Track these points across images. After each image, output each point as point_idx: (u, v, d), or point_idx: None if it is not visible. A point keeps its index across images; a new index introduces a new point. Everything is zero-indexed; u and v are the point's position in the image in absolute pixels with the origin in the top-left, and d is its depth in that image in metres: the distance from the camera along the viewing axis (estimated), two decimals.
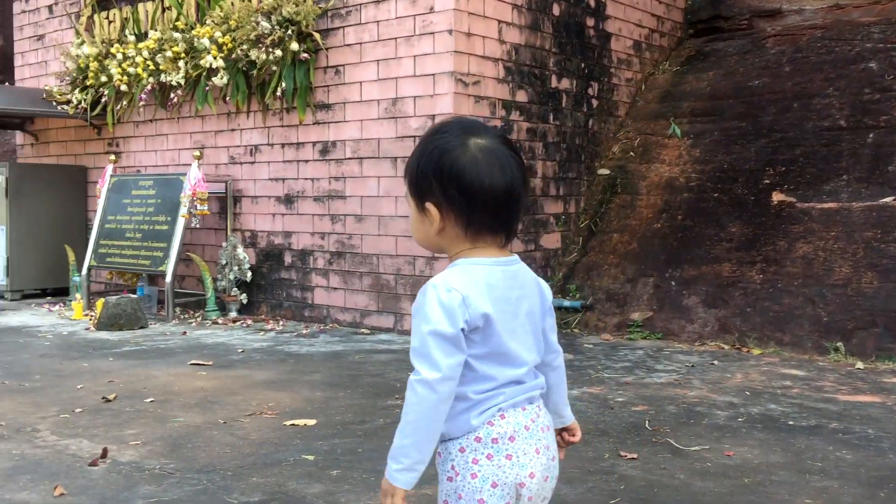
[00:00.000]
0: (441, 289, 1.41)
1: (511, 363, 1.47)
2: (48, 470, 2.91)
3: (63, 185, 8.28)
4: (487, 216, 1.47)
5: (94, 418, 3.63)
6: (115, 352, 5.28)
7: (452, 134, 1.49)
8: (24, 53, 9.03)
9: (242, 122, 6.94)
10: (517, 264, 1.52)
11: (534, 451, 1.46)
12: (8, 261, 7.85)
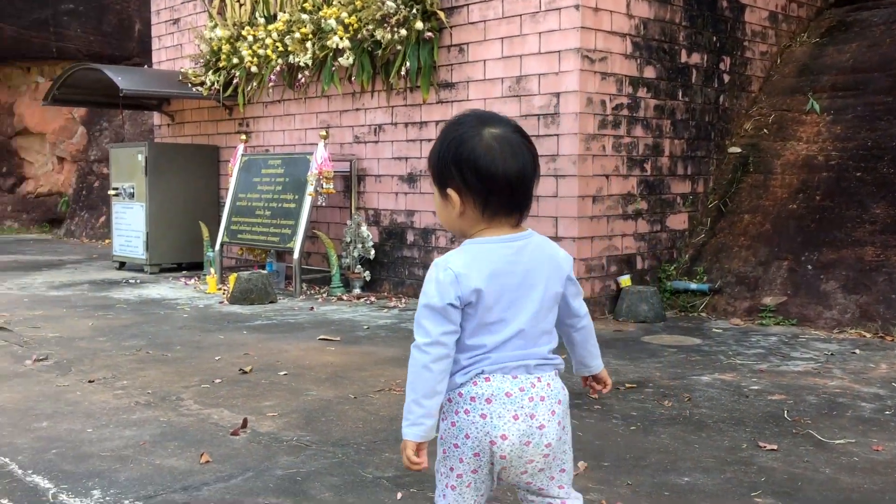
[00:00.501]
0: (439, 268, 1.61)
1: (499, 330, 1.63)
2: (193, 437, 3.06)
3: (197, 164, 8.65)
4: (502, 198, 1.62)
5: (232, 389, 3.79)
6: (248, 325, 5.49)
7: (469, 125, 1.64)
8: (161, 37, 9.45)
9: (367, 101, 7.04)
10: (527, 239, 1.66)
11: (511, 416, 1.61)
12: (147, 236, 8.28)
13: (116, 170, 8.69)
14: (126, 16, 12.98)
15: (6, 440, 3.00)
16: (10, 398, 3.59)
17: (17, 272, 8.34)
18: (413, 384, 1.62)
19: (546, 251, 1.69)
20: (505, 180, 1.61)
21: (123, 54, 13.09)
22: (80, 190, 13.56)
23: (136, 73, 8.75)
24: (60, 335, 5.04)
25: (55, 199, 14.50)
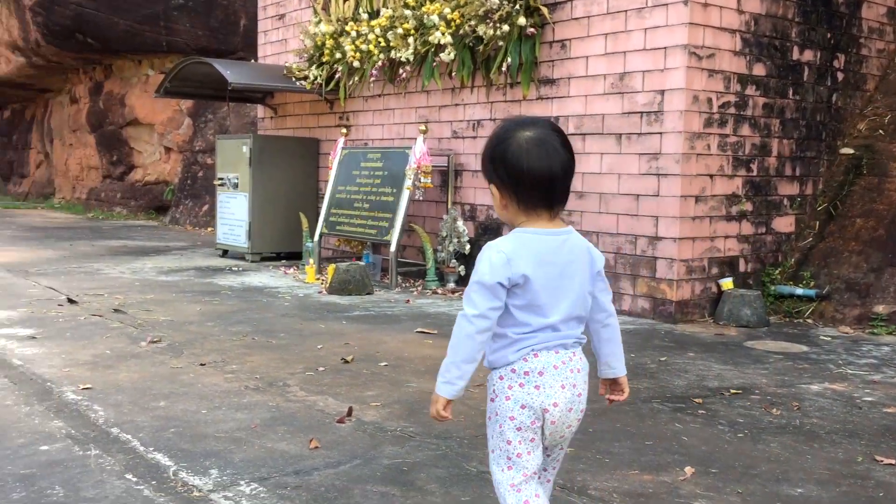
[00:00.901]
0: (493, 250, 1.80)
1: (545, 313, 1.82)
2: (301, 423, 3.15)
3: (298, 156, 8.87)
4: (534, 194, 1.82)
5: (335, 377, 3.88)
6: (347, 315, 5.61)
7: (507, 128, 1.85)
8: (267, 32, 9.72)
9: (466, 97, 7.08)
10: (567, 235, 1.85)
11: (559, 385, 1.81)
12: (250, 225, 8.54)
13: (222, 160, 8.99)
14: (232, 11, 13.39)
15: (127, 418, 3.16)
16: (129, 377, 3.77)
17: (128, 257, 8.73)
18: (455, 348, 1.81)
19: (582, 248, 1.88)
20: (532, 177, 1.80)
21: (229, 48, 13.51)
22: (184, 179, 14.08)
23: (242, 67, 9.02)
24: (171, 319, 5.26)
25: (161, 188, 15.10)
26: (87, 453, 2.75)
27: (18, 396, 3.41)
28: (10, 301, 5.70)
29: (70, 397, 3.41)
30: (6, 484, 2.46)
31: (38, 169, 20.81)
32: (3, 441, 2.85)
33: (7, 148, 22.63)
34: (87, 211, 16.21)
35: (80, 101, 17.40)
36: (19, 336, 4.59)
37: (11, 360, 4.01)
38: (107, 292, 6.22)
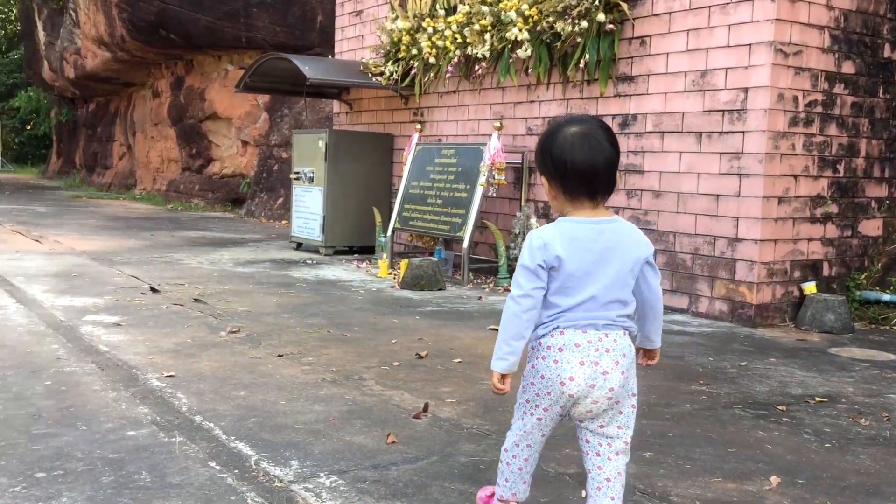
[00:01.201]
0: (534, 236, 2.03)
1: (575, 294, 2.01)
2: (377, 417, 3.18)
3: (372, 151, 8.94)
4: (577, 185, 2.01)
5: (410, 373, 3.90)
6: (420, 311, 5.63)
7: (556, 124, 2.06)
8: (344, 28, 9.82)
9: (542, 93, 7.03)
10: (610, 223, 2.03)
11: (578, 362, 2.00)
12: (324, 219, 8.65)
13: (298, 155, 9.13)
14: (310, 8, 13.58)
15: (209, 406, 3.23)
16: (210, 366, 3.86)
17: (206, 248, 8.95)
18: (505, 327, 2.05)
19: (628, 236, 2.05)
20: (574, 170, 2.00)
21: (305, 44, 13.71)
22: (260, 172, 14.36)
23: (320, 63, 9.14)
24: (249, 310, 5.37)
25: (238, 181, 15.43)
26: (172, 440, 2.82)
27: (105, 382, 3.52)
28: (96, 289, 5.90)
29: (154, 384, 3.51)
30: (96, 468, 2.54)
31: (120, 161, 21.50)
32: (92, 425, 2.94)
33: (92, 140, 23.45)
34: (166, 202, 16.68)
35: (162, 95, 17.91)
36: (105, 323, 4.75)
37: (98, 347, 4.15)
38: (187, 282, 6.38)
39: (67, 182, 23.53)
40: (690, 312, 5.79)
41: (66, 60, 20.35)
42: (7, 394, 3.27)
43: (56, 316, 4.87)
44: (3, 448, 2.66)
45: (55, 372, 3.64)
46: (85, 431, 2.87)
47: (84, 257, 7.64)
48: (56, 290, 5.77)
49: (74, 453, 2.65)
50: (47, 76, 22.71)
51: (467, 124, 7.94)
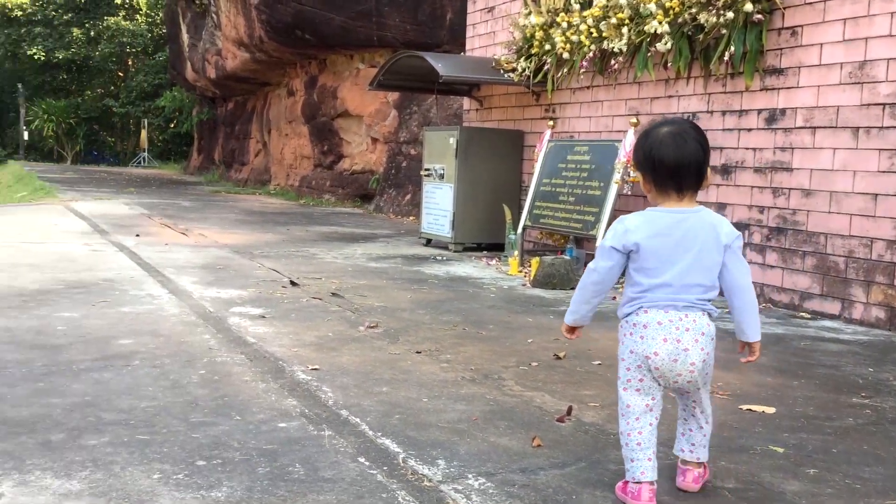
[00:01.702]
0: (617, 222, 2.33)
1: (654, 276, 2.27)
2: (520, 419, 3.13)
3: (502, 148, 8.91)
4: (665, 179, 2.27)
5: (549, 374, 3.84)
6: (553, 310, 5.55)
7: (651, 125, 2.36)
8: (475, 25, 9.83)
9: (681, 88, 6.79)
10: (692, 213, 2.29)
11: (661, 339, 2.26)
12: (454, 216, 8.69)
13: (429, 152, 9.21)
14: (439, 5, 13.67)
15: (354, 401, 3.28)
16: (351, 361, 3.93)
17: (339, 243, 9.16)
18: (577, 289, 2.46)
19: (709, 224, 2.28)
20: (662, 165, 2.26)
21: (435, 42, 13.81)
22: (389, 169, 14.60)
23: (452, 60, 9.18)
24: (385, 305, 5.44)
25: (367, 177, 15.75)
26: (321, 433, 2.87)
27: (255, 373, 3.64)
28: (240, 281, 6.14)
29: (301, 377, 3.60)
30: (251, 458, 2.61)
31: (256, 157, 22.38)
32: (245, 415, 3.04)
33: (230, 138, 24.52)
34: (299, 197, 17.22)
35: (297, 93, 18.50)
36: (251, 315, 4.92)
37: (246, 338, 4.30)
38: (324, 276, 6.54)
39: (207, 177, 24.70)
40: (843, 318, 5.45)
41: (208, 61, 21.34)
42: (166, 381, 3.43)
43: (205, 307, 5.08)
44: (166, 435, 2.78)
45: (207, 361, 3.79)
46: (239, 421, 2.96)
47: (227, 250, 7.97)
48: (203, 281, 6.03)
49: (231, 443, 2.74)
50: (190, 77, 23.90)
51: (601, 120, 7.78)
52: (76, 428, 2.81)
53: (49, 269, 6.25)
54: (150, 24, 39.30)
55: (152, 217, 11.25)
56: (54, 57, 41.21)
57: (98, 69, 42.49)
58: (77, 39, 40.90)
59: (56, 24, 40.86)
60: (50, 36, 41.04)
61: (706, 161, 2.31)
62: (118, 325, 4.47)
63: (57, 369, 3.53)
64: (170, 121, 35.49)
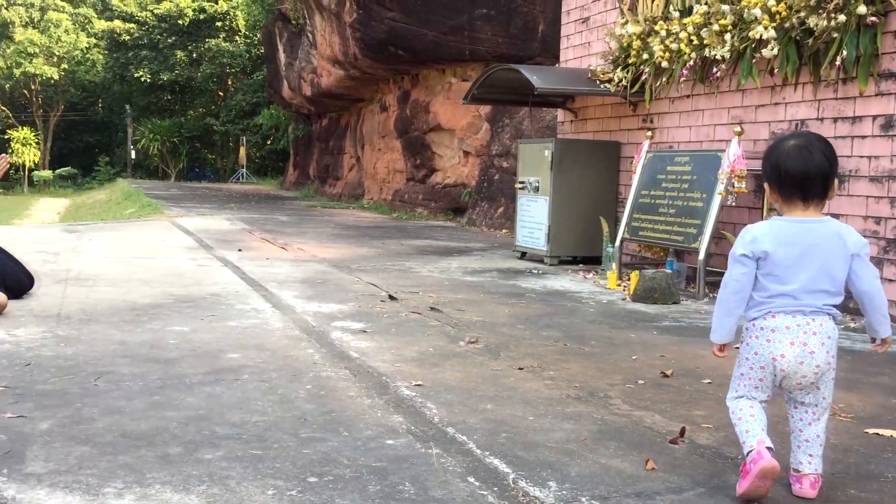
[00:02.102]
0: (745, 230, 2.47)
1: (782, 282, 2.39)
2: (630, 440, 3.04)
3: (598, 160, 8.78)
4: (790, 189, 2.41)
5: (657, 392, 3.73)
6: (656, 325, 5.41)
7: (782, 139, 2.49)
8: (570, 36, 9.74)
9: (788, 95, 6.54)
10: (818, 223, 2.40)
11: (788, 342, 2.40)
12: (549, 229, 8.61)
13: (523, 164, 9.15)
14: (531, 17, 13.64)
15: (459, 418, 3.25)
16: (454, 376, 3.91)
17: (434, 256, 9.20)
18: (718, 304, 2.54)
19: (835, 233, 2.40)
20: (787, 176, 2.40)
21: (527, 54, 13.77)
22: (481, 182, 14.61)
23: (547, 72, 9.13)
24: (483, 319, 5.41)
25: (459, 190, 15.81)
26: (429, 451, 2.86)
27: (360, 388, 3.66)
28: (339, 295, 6.22)
29: (405, 393, 3.60)
30: (361, 475, 2.62)
31: (350, 172, 22.78)
32: (352, 431, 3.05)
33: (324, 153, 25.05)
34: (392, 211, 17.41)
35: (389, 108, 18.76)
36: (352, 329, 4.97)
37: (349, 353, 4.34)
38: (421, 290, 6.57)
39: (302, 192, 25.29)
40: None
41: (304, 79, 21.88)
42: (274, 396, 3.48)
43: (308, 321, 5.17)
44: (277, 450, 2.82)
45: (313, 376, 3.83)
46: (347, 437, 2.97)
47: (325, 264, 8.10)
48: (304, 295, 6.14)
49: (340, 459, 2.75)
50: (286, 95, 24.55)
51: (701, 130, 7.57)
52: (192, 441, 2.88)
53: (159, 284, 6.48)
54: (248, 44, 40.63)
55: (253, 232, 11.56)
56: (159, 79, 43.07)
57: (200, 89, 44.20)
58: (181, 62, 42.63)
59: (161, 48, 42.72)
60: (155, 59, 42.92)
61: (832, 173, 2.42)
62: (226, 339, 4.58)
63: (171, 383, 3.63)
64: (267, 138, 36.55)
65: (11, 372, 3.73)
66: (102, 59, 48.12)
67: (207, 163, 45.82)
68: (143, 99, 45.42)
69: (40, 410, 3.17)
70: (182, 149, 42.35)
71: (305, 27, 21.04)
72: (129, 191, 25.24)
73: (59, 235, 10.30)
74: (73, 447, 2.78)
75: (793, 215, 2.44)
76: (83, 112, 51.50)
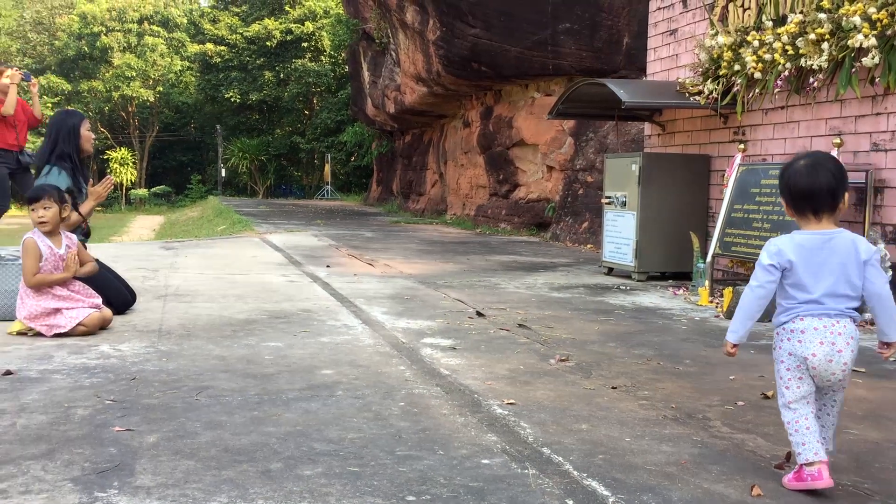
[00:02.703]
0: (770, 243, 2.73)
1: (807, 290, 2.66)
2: (734, 464, 2.95)
3: (686, 174, 8.60)
4: (801, 203, 2.69)
5: (758, 414, 3.61)
6: (753, 344, 5.25)
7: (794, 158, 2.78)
8: (657, 49, 9.60)
9: (891, 104, 6.28)
10: (833, 235, 2.67)
11: (818, 342, 2.65)
12: (637, 244, 8.47)
13: (610, 179, 9.05)
14: (616, 31, 13.51)
15: (554, 438, 3.22)
16: (546, 395, 3.87)
17: (519, 272, 9.16)
18: (741, 308, 2.79)
19: (849, 243, 2.66)
20: (798, 191, 2.69)
21: (611, 68, 13.65)
22: (565, 197, 14.50)
23: (634, 86, 9.01)
24: (573, 337, 5.36)
25: (542, 205, 15.73)
26: (525, 472, 2.83)
27: (452, 406, 3.66)
28: (427, 311, 6.25)
29: (497, 411, 3.58)
30: (459, 495, 2.61)
31: (432, 188, 22.96)
32: (448, 450, 3.05)
33: (407, 169, 25.32)
34: (475, 226, 17.45)
35: (472, 124, 18.84)
36: (441, 346, 4.99)
37: (440, 370, 4.35)
38: (508, 306, 6.54)
39: (386, 208, 25.61)
40: None
41: (387, 97, 22.20)
42: (369, 413, 3.52)
43: (397, 337, 5.21)
44: (375, 468, 2.84)
45: (406, 393, 3.86)
46: (442, 456, 2.98)
47: (411, 280, 8.17)
48: (393, 312, 6.20)
49: (437, 478, 2.75)
50: (370, 112, 24.95)
51: (797, 142, 7.33)
52: (291, 457, 2.93)
53: (252, 300, 6.65)
54: (333, 64, 41.51)
55: (339, 248, 11.76)
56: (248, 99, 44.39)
57: (287, 108, 45.33)
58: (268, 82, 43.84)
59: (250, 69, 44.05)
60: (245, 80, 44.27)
61: (840, 188, 2.68)
62: (319, 354, 4.66)
63: (268, 398, 3.72)
64: (351, 155, 37.18)
65: (118, 386, 3.88)
66: (195, 81, 49.98)
67: (293, 180, 46.93)
68: (232, 118, 46.91)
69: (147, 424, 3.29)
70: (269, 166, 43.51)
71: (389, 46, 21.37)
72: (219, 208, 26.06)
73: (156, 252, 10.70)
74: (179, 461, 2.87)
75: (808, 228, 2.71)
76: (176, 132, 53.55)
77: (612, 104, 8.62)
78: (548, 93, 15.49)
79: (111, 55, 50.89)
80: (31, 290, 5.01)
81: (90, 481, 2.66)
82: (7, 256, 5.56)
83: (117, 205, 48.16)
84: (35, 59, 55.36)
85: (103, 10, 51.40)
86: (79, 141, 5.95)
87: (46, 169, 5.79)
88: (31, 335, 5.00)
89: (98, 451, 2.95)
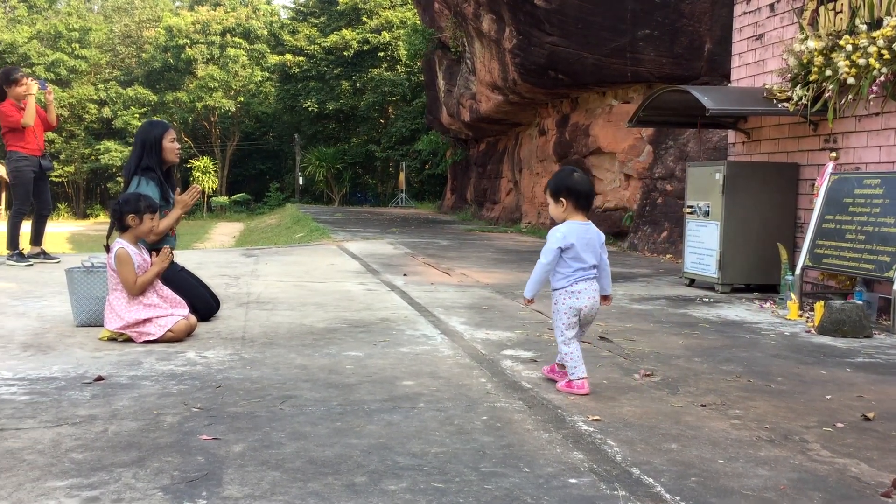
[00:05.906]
0: (557, 230, 4.03)
1: (581, 262, 4.00)
2: (836, 491, 2.80)
3: (773, 183, 8.33)
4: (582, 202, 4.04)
5: (859, 437, 3.43)
6: (848, 361, 5.02)
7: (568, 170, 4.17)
8: (742, 54, 9.34)
9: None
10: (590, 225, 4.07)
11: (587, 297, 4.05)
12: (720, 255, 8.23)
13: (692, 188, 8.83)
14: (697, 36, 13.21)
15: (643, 458, 3.12)
16: (632, 412, 3.76)
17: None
18: (534, 277, 4.09)
19: (596, 231, 4.09)
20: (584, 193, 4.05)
21: (692, 74, 13.35)
22: (643, 206, 14.23)
23: (718, 93, 8.77)
24: (656, 351, 5.22)
25: (620, 214, 15.48)
26: (615, 493, 2.75)
27: (536, 422, 3.59)
28: (506, 322, 6.19)
29: (582, 428, 3.50)
30: None
31: (507, 196, 22.86)
32: (533, 468, 2.98)
33: (482, 177, 25.28)
34: None
35: (548, 132, 18.69)
36: (522, 358, 4.92)
37: (521, 383, 4.28)
38: None
39: (460, 216, 25.62)
40: None
41: (462, 105, 22.23)
42: (451, 426, 3.48)
43: (477, 348, 5.16)
44: (460, 485, 2.79)
45: (488, 407, 3.80)
46: (528, 474, 2.91)
47: (489, 290, 8.11)
48: (471, 322, 6.15)
49: (524, 497, 2.69)
50: (445, 120, 25.03)
51: (893, 150, 7.01)
52: (375, 471, 2.91)
53: (332, 308, 6.70)
54: (408, 73, 41.85)
55: (415, 256, 11.78)
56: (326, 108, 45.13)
57: (363, 117, 45.92)
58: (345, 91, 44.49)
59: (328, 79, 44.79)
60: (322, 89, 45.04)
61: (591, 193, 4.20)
62: (399, 365, 4.65)
63: (351, 409, 3.71)
64: (425, 163, 37.38)
65: (204, 394, 3.94)
66: (274, 91, 51.10)
67: (369, 188, 47.44)
68: (310, 128, 47.75)
69: (233, 433, 3.32)
70: (345, 174, 44.10)
71: (464, 55, 21.40)
72: (297, 215, 26.50)
73: (238, 259, 10.91)
74: (266, 472, 2.88)
75: (577, 219, 4.04)
76: (256, 141, 54.80)
77: (694, 111, 8.42)
78: (626, 100, 15.25)
79: (195, 67, 52.49)
80: (125, 300, 5.14)
81: (180, 490, 2.69)
82: (97, 265, 5.73)
83: (199, 212, 49.53)
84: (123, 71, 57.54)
85: (188, 23, 53.09)
86: (161, 152, 6.05)
87: (136, 181, 5.92)
88: (122, 340, 5.14)
89: (187, 460, 2.98)
